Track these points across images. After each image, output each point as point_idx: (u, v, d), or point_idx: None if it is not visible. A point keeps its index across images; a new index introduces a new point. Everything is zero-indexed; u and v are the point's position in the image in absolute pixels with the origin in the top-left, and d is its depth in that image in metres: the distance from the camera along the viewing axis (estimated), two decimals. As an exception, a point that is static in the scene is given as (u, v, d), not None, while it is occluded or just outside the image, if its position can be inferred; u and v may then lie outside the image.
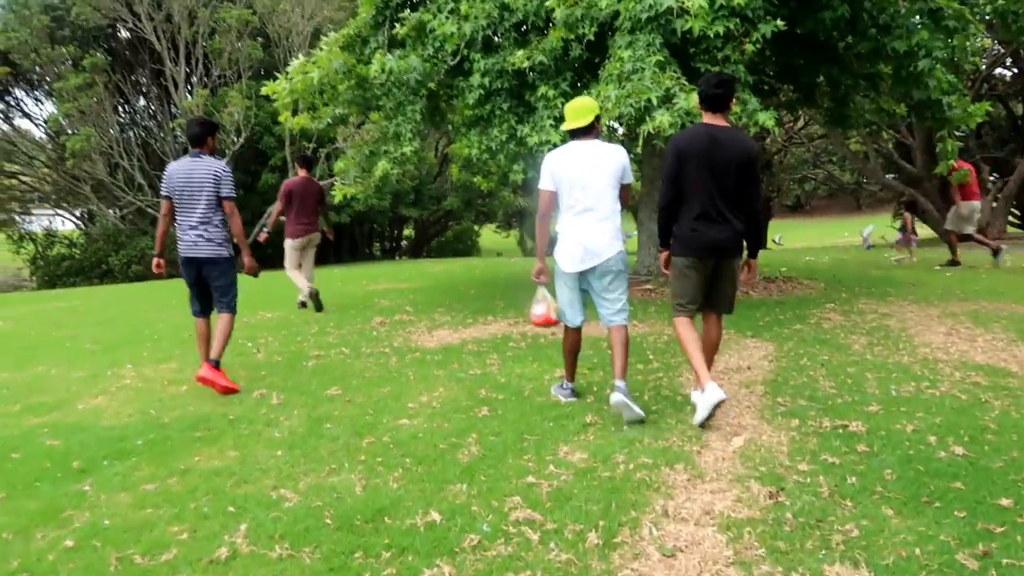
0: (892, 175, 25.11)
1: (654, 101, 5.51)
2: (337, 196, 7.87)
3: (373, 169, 7.36)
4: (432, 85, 7.44)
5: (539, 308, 4.45)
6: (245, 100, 21.85)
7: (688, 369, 4.89)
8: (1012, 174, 22.12)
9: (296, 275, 8.10)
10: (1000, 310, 6.80)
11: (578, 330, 4.31)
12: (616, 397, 3.90)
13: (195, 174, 4.88)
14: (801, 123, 28.78)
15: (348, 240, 32.97)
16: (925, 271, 9.85)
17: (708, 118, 3.93)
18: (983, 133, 24.15)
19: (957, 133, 7.40)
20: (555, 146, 6.67)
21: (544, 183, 4.09)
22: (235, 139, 23.43)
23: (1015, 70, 24.70)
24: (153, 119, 26.24)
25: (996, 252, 10.31)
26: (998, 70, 24.80)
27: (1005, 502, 2.85)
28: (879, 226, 30.78)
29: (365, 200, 7.77)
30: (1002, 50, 22.79)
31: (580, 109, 4.11)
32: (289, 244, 8.01)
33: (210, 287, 5.03)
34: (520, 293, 8.63)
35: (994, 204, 22.08)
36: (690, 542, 2.65)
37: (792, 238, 33.11)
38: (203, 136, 5.01)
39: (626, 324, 4.15)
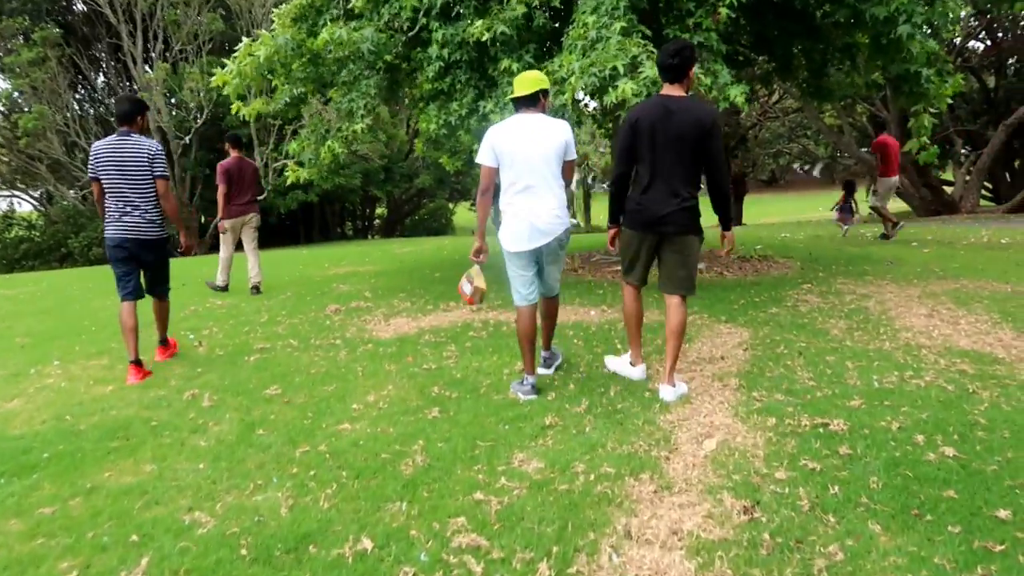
0: (866, 149, 24.98)
1: (620, 69, 5.12)
2: (289, 178, 7.38)
3: (322, 151, 6.89)
4: (388, 57, 6.97)
5: (466, 287, 4.60)
6: (206, 76, 21.07)
7: (658, 360, 4.57)
8: (985, 147, 22.06)
9: (225, 260, 8.21)
10: (981, 289, 6.55)
11: (533, 309, 4.09)
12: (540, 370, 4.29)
13: (125, 154, 4.66)
14: (776, 97, 28.53)
15: (319, 220, 32.30)
16: (903, 247, 9.62)
17: (666, 89, 3.80)
18: (956, 106, 24.05)
19: (932, 109, 7.10)
20: None
21: (485, 158, 3.95)
22: (197, 116, 22.67)
23: (988, 42, 24.60)
24: (112, 95, 25.33)
25: (892, 229, 10.66)
26: (971, 42, 24.67)
27: (1003, 514, 2.56)
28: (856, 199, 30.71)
29: (319, 182, 7.31)
30: (976, 22, 22.62)
31: (525, 79, 4.00)
32: (224, 224, 8.01)
33: (145, 272, 4.91)
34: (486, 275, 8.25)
35: (967, 178, 22.04)
36: (654, 570, 2.33)
37: (768, 212, 33.03)
38: (132, 114, 4.82)
39: (558, 293, 4.36)
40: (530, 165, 3.88)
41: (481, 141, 3.99)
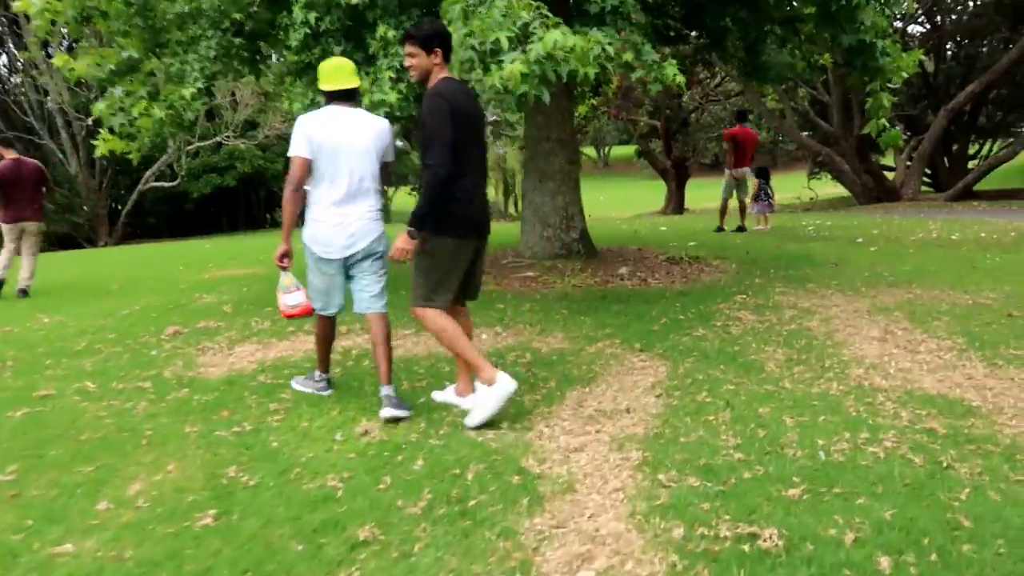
0: (808, 133, 24.45)
1: (503, 42, 3.98)
2: (99, 149, 5.95)
3: (141, 117, 5.52)
4: (238, 16, 5.68)
5: (292, 298, 3.86)
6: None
7: (558, 403, 3.49)
8: (925, 133, 21.71)
9: (3, 259, 7.68)
10: (938, 300, 5.67)
11: (333, 320, 3.86)
12: (386, 412, 3.51)
13: None
14: (717, 80, 27.85)
15: (243, 207, 30.50)
16: (849, 245, 8.78)
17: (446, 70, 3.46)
18: (895, 91, 23.68)
19: (890, 86, 6.19)
20: (391, 108, 5.14)
21: (299, 149, 3.55)
22: None
23: (927, 25, 24.26)
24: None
25: (721, 228, 10.85)
26: (912, 26, 24.30)
27: None
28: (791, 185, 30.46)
29: (137, 153, 5.94)
30: (917, 4, 22.20)
31: (347, 68, 3.73)
32: (3, 228, 7.65)
33: None
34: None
35: (908, 164, 21.66)
36: None
37: (712, 196, 32.39)
38: None
39: (385, 311, 3.78)
40: (351, 163, 3.58)
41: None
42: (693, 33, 8.36)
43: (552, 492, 2.78)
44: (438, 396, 3.77)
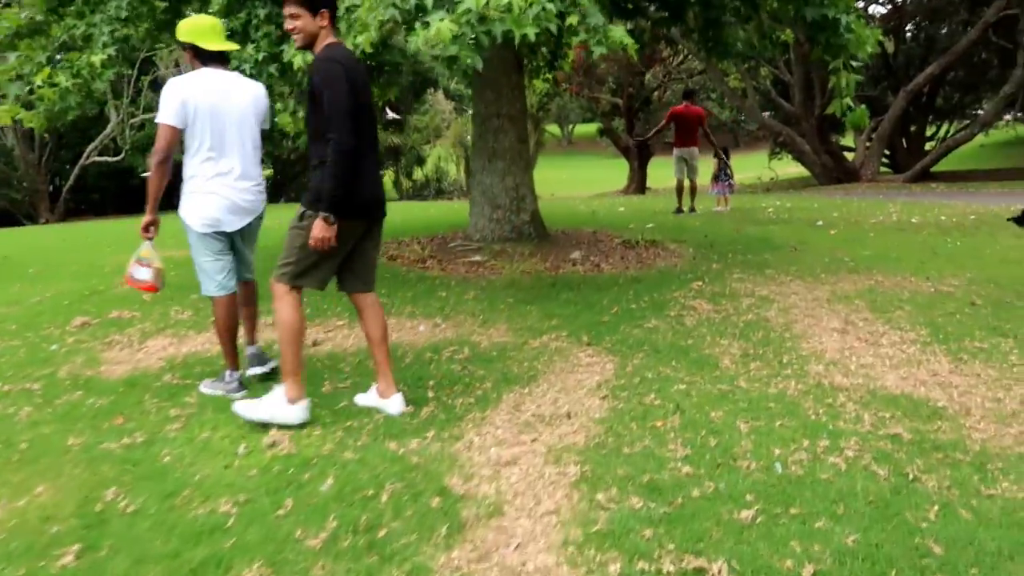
0: (769, 113, 24.36)
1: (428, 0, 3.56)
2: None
3: (44, 85, 4.97)
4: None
5: (141, 272, 3.56)
6: None
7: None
8: (885, 113, 21.73)
9: None
10: (899, 288, 5.45)
11: (234, 298, 3.56)
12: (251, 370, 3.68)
13: None
14: (680, 58, 27.60)
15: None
16: (809, 228, 8.56)
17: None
18: (856, 71, 23.64)
19: (854, 63, 5.91)
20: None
21: (169, 116, 3.28)
22: None
23: (888, 6, 24.24)
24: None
25: (680, 210, 10.60)
26: (872, 6, 24.27)
27: None
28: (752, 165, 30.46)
29: (40, 129, 5.38)
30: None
31: (221, 28, 3.51)
32: None
33: None
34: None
35: (867, 144, 21.68)
36: None
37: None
38: None
39: (253, 276, 3.74)
40: (233, 129, 3.39)
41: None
42: (652, 8, 7.99)
43: (476, 517, 2.44)
44: (361, 400, 3.40)
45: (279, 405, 3.10)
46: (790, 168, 29.87)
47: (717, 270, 6.14)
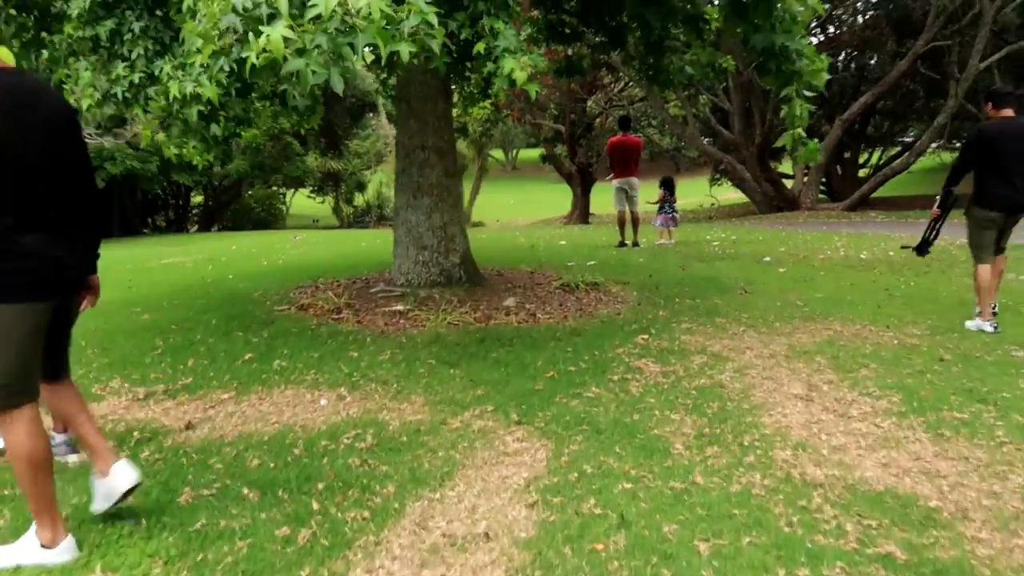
0: (708, 140, 24.39)
1: (282, 4, 2.88)
2: None
3: None
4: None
5: None
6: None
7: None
8: (820, 142, 21.92)
9: None
10: (860, 339, 4.98)
11: None
12: None
13: None
14: (621, 85, 27.58)
15: (117, 213, 27.95)
16: (755, 266, 8.13)
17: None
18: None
19: (808, 93, 5.49)
20: (210, 102, 3.98)
21: None
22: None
23: (822, 36, 24.64)
24: None
25: (623, 243, 10.23)
26: (808, 38, 24.67)
27: None
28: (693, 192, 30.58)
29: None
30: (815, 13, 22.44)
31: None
32: None
33: None
34: (241, 308, 5.88)
35: (806, 174, 21.81)
36: None
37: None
38: None
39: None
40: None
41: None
42: (590, 32, 7.52)
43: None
44: (98, 505, 2.62)
45: (30, 551, 2.37)
46: (730, 194, 30.08)
47: (664, 318, 5.59)
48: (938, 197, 5.66)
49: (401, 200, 6.40)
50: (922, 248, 6.02)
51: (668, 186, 10.76)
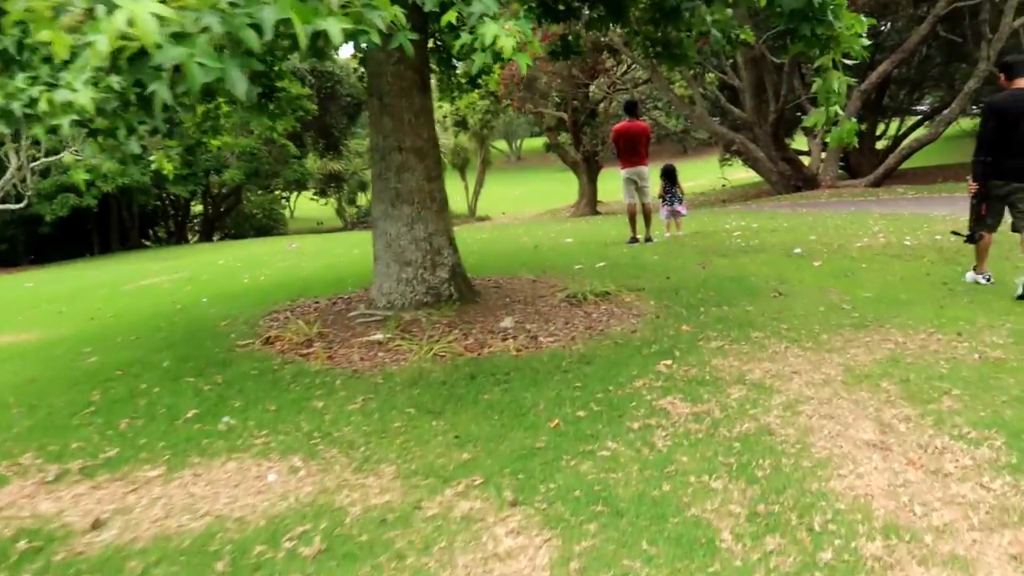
0: (718, 119, 23.36)
1: None
2: None
3: None
4: None
5: None
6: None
7: None
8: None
9: None
10: (930, 353, 4.11)
11: None
12: None
13: None
14: (624, 68, 26.60)
15: (117, 226, 27.31)
16: (787, 260, 7.24)
17: None
18: (803, 71, 22.78)
19: (847, 61, 4.63)
20: (81, 112, 3.15)
21: None
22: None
23: None
24: None
25: (635, 239, 9.28)
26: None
27: None
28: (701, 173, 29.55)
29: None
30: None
31: None
32: None
33: None
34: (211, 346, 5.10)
35: (823, 152, 20.78)
36: None
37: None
38: None
39: None
40: None
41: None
42: (586, 5, 6.66)
43: None
44: None
45: None
46: (741, 174, 29.04)
47: (688, 335, 4.74)
48: (969, 178, 5.53)
49: (378, 210, 5.58)
50: (972, 236, 5.58)
51: (669, 176, 9.90)
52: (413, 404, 3.83)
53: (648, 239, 9.33)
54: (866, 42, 4.79)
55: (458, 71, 7.77)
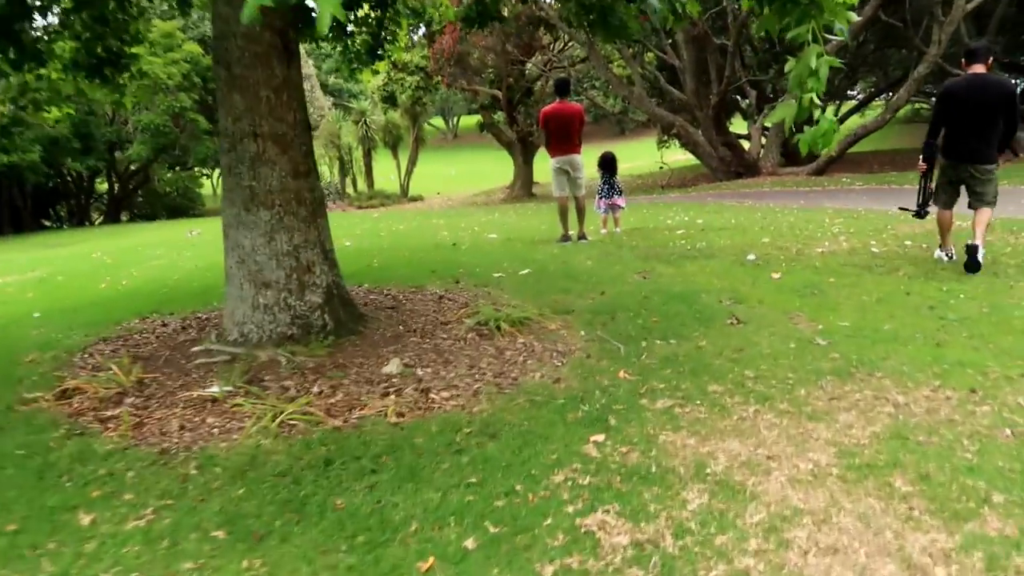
0: (656, 100, 22.44)
1: None
2: None
3: None
4: None
5: None
6: None
7: None
8: (777, 99, 20.17)
9: None
10: (946, 423, 3.09)
11: None
12: None
13: None
14: (561, 45, 25.47)
15: (7, 207, 24.78)
16: (739, 269, 6.21)
17: None
18: (744, 53, 22.00)
19: (830, 36, 3.57)
20: None
21: None
22: None
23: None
24: None
25: (567, 237, 8.27)
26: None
27: None
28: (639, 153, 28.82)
29: None
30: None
31: None
32: None
33: None
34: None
35: (765, 134, 20.10)
36: None
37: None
38: None
39: None
40: None
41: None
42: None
43: None
44: None
45: None
46: (678, 155, 28.31)
47: (628, 387, 3.62)
48: (921, 157, 5.89)
49: (229, 215, 4.27)
50: (920, 211, 6.02)
51: (607, 166, 8.79)
52: (227, 520, 2.60)
53: (582, 237, 8.24)
54: (854, 16, 3.71)
55: (353, 38, 6.45)
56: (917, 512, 2.47)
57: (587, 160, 8.43)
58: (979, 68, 5.41)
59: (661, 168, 29.02)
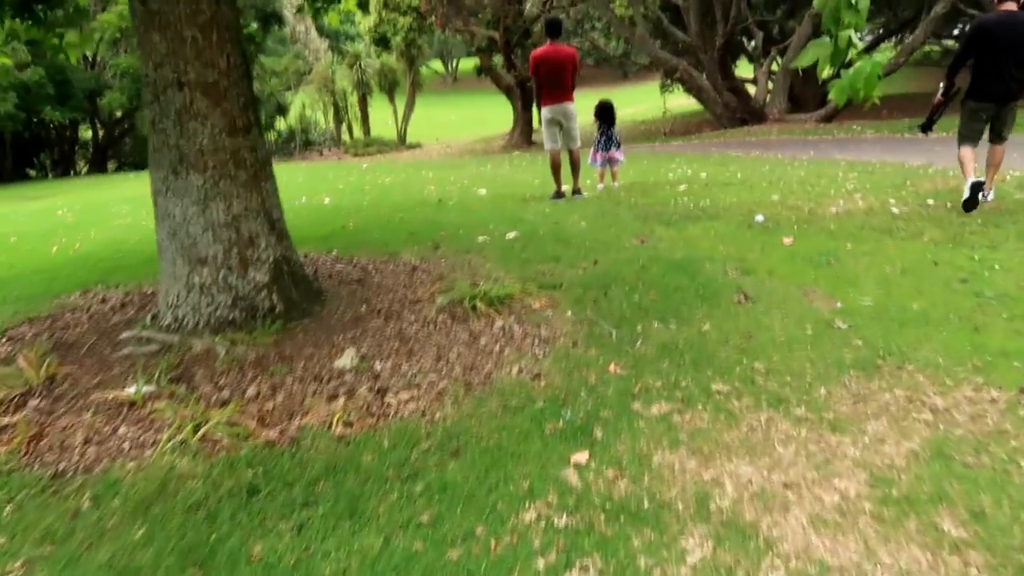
0: (659, 42, 21.43)
1: None
2: None
3: None
4: None
5: None
6: None
7: None
8: (785, 41, 19.22)
9: None
10: (987, 432, 2.58)
11: None
12: None
13: None
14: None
15: (-13, 155, 24.03)
16: (746, 232, 5.63)
17: None
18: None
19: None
20: None
21: None
22: None
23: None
24: None
25: (560, 193, 7.54)
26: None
27: None
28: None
29: None
30: None
31: None
32: None
33: None
34: None
35: (771, 79, 19.20)
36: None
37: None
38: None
39: None
40: None
41: None
42: None
43: None
44: None
45: None
46: (682, 100, 27.30)
47: (618, 385, 3.10)
48: (941, 85, 5.81)
49: (156, 179, 3.68)
50: (926, 126, 6.14)
51: (605, 115, 8.10)
52: (117, 574, 2.10)
53: (576, 192, 7.63)
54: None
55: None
56: (975, 570, 1.96)
57: (582, 108, 7.77)
58: (1011, 5, 5.23)
59: (664, 115, 28.07)
